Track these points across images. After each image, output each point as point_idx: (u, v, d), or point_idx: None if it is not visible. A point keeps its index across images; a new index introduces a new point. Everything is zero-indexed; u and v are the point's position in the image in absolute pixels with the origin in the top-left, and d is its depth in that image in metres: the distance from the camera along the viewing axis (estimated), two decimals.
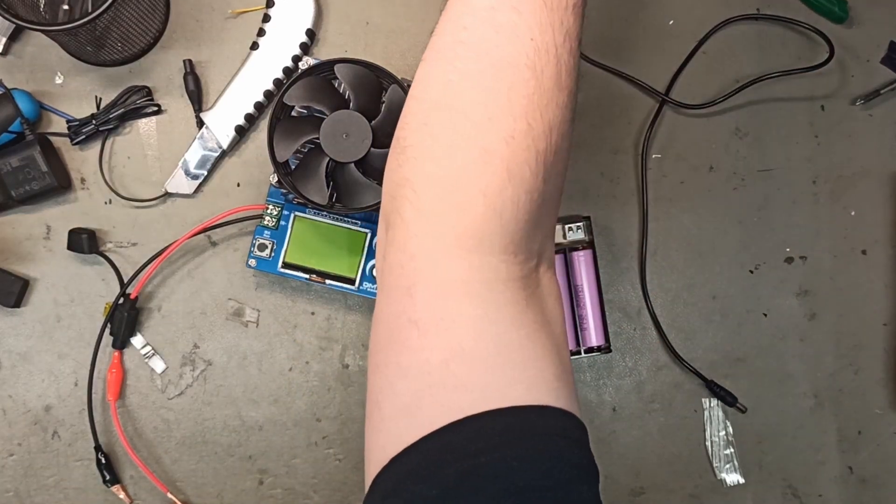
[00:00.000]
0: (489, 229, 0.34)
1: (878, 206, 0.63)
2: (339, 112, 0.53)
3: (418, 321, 0.34)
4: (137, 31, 0.59)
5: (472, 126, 0.35)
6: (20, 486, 0.61)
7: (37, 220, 0.61)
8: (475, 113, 0.35)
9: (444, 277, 0.34)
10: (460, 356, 0.33)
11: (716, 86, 0.63)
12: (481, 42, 0.36)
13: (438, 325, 0.33)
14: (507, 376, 0.33)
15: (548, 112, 0.36)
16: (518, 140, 0.35)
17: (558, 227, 0.61)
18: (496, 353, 0.33)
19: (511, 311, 0.34)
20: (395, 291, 0.35)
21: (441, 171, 0.35)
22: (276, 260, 0.60)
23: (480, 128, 0.35)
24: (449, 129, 0.36)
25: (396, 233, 0.36)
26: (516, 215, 0.35)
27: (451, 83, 0.36)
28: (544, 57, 0.35)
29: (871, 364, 0.63)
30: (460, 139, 0.35)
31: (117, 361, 0.61)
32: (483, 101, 0.35)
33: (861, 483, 0.62)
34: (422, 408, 0.33)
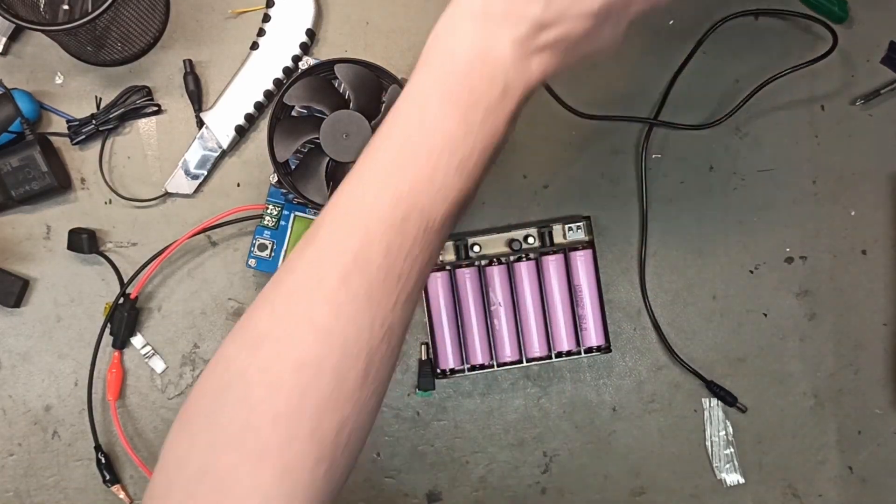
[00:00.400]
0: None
1: (878, 206, 0.63)
2: (339, 112, 0.53)
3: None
4: (137, 31, 0.59)
5: (254, 423, 0.33)
6: (20, 486, 0.61)
7: (37, 220, 0.61)
8: (261, 409, 0.33)
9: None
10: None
11: (716, 90, 0.63)
12: (288, 338, 0.34)
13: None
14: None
15: (343, 410, 0.34)
16: (299, 442, 0.33)
17: (558, 227, 0.61)
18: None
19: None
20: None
21: (210, 467, 0.33)
22: (276, 260, 0.60)
23: (262, 429, 0.33)
24: (224, 426, 0.34)
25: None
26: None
27: (246, 374, 0.34)
28: (352, 361, 0.34)
29: (871, 364, 0.63)
30: (231, 437, 0.33)
31: (117, 361, 0.61)
32: (269, 397, 0.33)
33: (861, 483, 0.62)
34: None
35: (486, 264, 0.60)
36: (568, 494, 0.62)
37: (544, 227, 0.61)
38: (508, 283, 0.60)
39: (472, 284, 0.60)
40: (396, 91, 0.53)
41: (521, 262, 0.60)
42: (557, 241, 0.61)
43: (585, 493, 0.62)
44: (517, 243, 0.61)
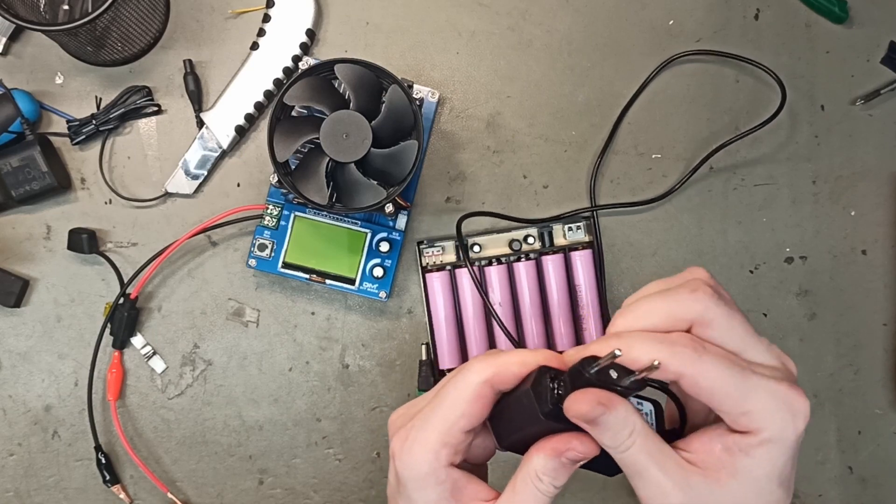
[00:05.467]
0: None
1: (878, 206, 0.63)
2: (339, 112, 0.53)
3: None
4: (137, 31, 0.59)
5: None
6: (20, 486, 0.61)
7: (37, 220, 0.61)
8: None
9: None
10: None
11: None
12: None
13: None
14: None
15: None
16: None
17: (558, 226, 0.61)
18: None
19: None
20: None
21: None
22: (276, 260, 0.60)
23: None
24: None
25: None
26: None
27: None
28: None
29: (871, 364, 0.63)
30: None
31: (117, 361, 0.61)
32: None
33: (861, 483, 0.62)
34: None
35: (486, 264, 0.60)
36: (568, 494, 0.62)
37: (544, 227, 0.61)
38: (508, 283, 0.60)
39: (471, 284, 0.60)
40: (396, 91, 0.53)
41: (520, 261, 0.60)
42: (557, 242, 0.61)
43: (585, 493, 0.62)
44: (517, 243, 0.61)
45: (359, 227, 0.60)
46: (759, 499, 0.33)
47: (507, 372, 0.34)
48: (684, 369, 0.31)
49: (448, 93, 0.62)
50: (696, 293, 0.33)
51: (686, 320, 0.33)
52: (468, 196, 0.62)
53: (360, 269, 0.60)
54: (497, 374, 0.34)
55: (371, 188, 0.54)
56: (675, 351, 0.31)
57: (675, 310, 0.33)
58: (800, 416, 0.32)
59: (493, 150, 0.62)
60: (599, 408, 0.30)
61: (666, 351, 0.31)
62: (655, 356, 0.31)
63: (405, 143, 0.54)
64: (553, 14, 0.63)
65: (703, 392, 0.32)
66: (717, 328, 0.33)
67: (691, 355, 0.31)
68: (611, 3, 0.63)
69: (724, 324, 0.33)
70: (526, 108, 0.63)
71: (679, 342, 0.32)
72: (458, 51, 0.63)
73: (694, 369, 0.31)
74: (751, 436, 0.32)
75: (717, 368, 0.31)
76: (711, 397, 0.32)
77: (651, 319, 0.33)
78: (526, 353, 0.34)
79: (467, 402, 0.34)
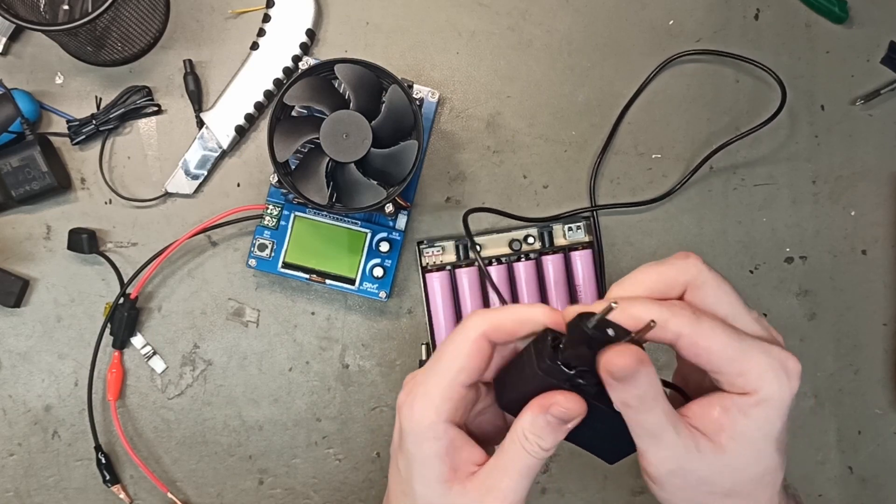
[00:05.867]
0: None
1: (878, 206, 0.63)
2: (339, 112, 0.53)
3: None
4: (137, 31, 0.59)
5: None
6: (20, 486, 0.61)
7: (37, 220, 0.61)
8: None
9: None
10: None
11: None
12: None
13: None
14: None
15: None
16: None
17: (558, 226, 0.61)
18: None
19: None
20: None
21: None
22: (276, 260, 0.60)
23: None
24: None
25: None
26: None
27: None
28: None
29: (871, 364, 0.63)
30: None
31: (117, 361, 0.61)
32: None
33: (861, 483, 0.63)
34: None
35: (486, 264, 0.60)
36: (568, 494, 0.62)
37: (544, 227, 0.61)
38: (508, 283, 0.60)
39: (471, 284, 0.60)
40: (396, 91, 0.53)
41: (520, 261, 0.60)
42: (557, 242, 0.61)
43: (585, 493, 0.62)
44: (517, 243, 0.61)
45: (359, 227, 0.60)
46: (758, 463, 0.34)
47: (503, 325, 0.34)
48: (683, 329, 0.32)
49: (448, 93, 0.62)
50: (688, 259, 0.34)
51: (680, 283, 0.34)
52: (468, 196, 0.62)
53: (360, 269, 0.60)
54: (493, 328, 0.34)
55: (371, 188, 0.54)
56: (674, 311, 0.32)
57: (668, 273, 0.34)
58: (794, 375, 0.33)
59: (493, 150, 0.62)
60: (639, 364, 0.31)
61: (666, 311, 0.32)
62: (656, 315, 0.32)
63: (405, 143, 0.54)
64: (553, 14, 0.63)
65: (702, 352, 0.32)
66: (710, 293, 0.34)
67: (690, 317, 0.32)
68: (611, 3, 0.63)
69: (716, 289, 0.34)
70: (526, 108, 0.63)
71: (678, 304, 0.33)
72: (458, 51, 0.63)
73: (693, 329, 0.32)
74: (748, 396, 0.33)
75: (714, 330, 0.32)
76: (709, 357, 0.32)
77: (647, 284, 0.34)
78: (522, 309, 0.34)
79: (465, 355, 0.34)
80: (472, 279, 0.60)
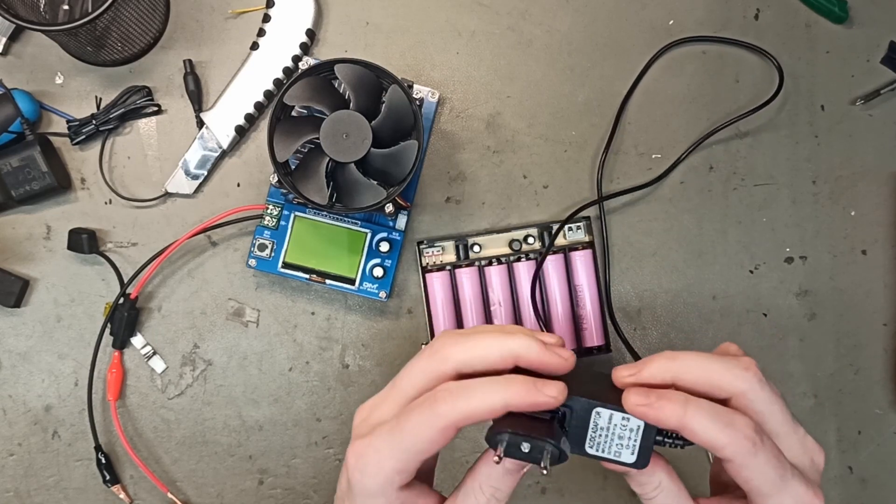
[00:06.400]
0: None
1: (878, 206, 0.63)
2: (339, 112, 0.53)
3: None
4: (137, 31, 0.59)
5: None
6: (20, 486, 0.61)
7: (37, 220, 0.61)
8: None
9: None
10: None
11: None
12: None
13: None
14: None
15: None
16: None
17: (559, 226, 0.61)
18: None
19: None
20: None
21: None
22: (276, 260, 0.60)
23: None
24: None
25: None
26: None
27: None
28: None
29: (871, 364, 0.63)
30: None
31: (117, 361, 0.61)
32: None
33: (861, 483, 0.63)
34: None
35: (486, 264, 0.60)
36: (568, 494, 0.62)
37: (544, 228, 0.61)
38: (508, 283, 0.60)
39: (471, 284, 0.60)
40: (396, 91, 0.53)
41: (520, 261, 0.60)
42: (557, 241, 0.61)
43: (585, 494, 0.62)
44: (517, 243, 0.61)
45: (359, 227, 0.60)
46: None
47: (475, 417, 0.34)
48: (736, 458, 0.33)
49: (448, 93, 0.62)
50: (748, 371, 0.35)
51: (730, 392, 0.34)
52: (468, 196, 0.62)
53: (360, 269, 0.60)
54: (465, 420, 0.34)
55: (371, 188, 0.54)
56: (734, 437, 0.33)
57: (723, 378, 0.34)
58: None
59: (493, 150, 0.62)
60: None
61: (727, 436, 0.33)
62: (718, 436, 0.33)
63: (405, 143, 0.54)
64: (553, 14, 0.63)
65: (742, 479, 0.33)
66: (761, 408, 0.34)
67: (749, 449, 0.33)
68: (611, 3, 0.63)
69: (769, 406, 0.35)
70: (526, 108, 0.63)
71: (740, 427, 0.33)
72: (458, 51, 0.63)
73: (745, 461, 0.33)
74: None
75: (766, 466, 0.33)
76: (747, 484, 0.34)
77: (695, 375, 0.34)
78: (496, 398, 0.34)
79: (430, 441, 0.34)
80: (473, 279, 0.60)
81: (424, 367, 0.35)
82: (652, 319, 0.62)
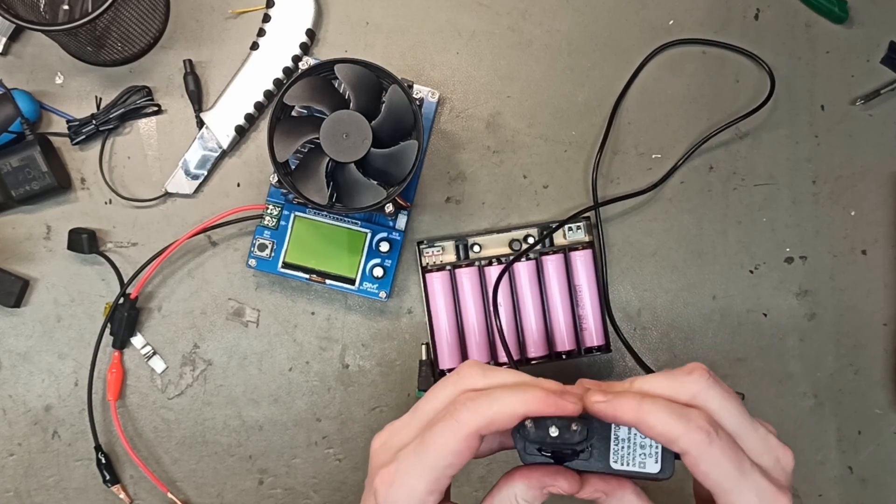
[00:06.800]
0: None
1: (878, 206, 0.63)
2: (339, 112, 0.53)
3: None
4: (137, 31, 0.59)
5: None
6: (20, 486, 0.61)
7: (37, 220, 0.61)
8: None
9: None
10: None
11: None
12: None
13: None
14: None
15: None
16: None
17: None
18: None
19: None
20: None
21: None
22: (276, 260, 0.60)
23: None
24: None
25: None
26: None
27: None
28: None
29: (871, 364, 0.63)
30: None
31: (117, 361, 0.61)
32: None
33: (861, 483, 0.62)
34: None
35: (486, 264, 0.60)
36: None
37: (544, 228, 0.61)
38: (508, 283, 0.60)
39: (471, 284, 0.60)
40: (396, 91, 0.53)
41: (520, 261, 0.60)
42: (557, 241, 0.61)
43: None
44: (517, 243, 0.61)
45: (359, 227, 0.60)
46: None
47: (496, 423, 0.34)
48: (690, 449, 0.33)
49: (448, 93, 0.62)
50: (691, 374, 0.35)
51: (684, 398, 0.34)
52: (468, 196, 0.62)
53: (360, 269, 0.60)
54: (487, 425, 0.34)
55: (371, 188, 0.54)
56: (688, 427, 0.33)
57: (673, 387, 0.35)
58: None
59: (493, 150, 0.62)
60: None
61: (680, 426, 0.33)
62: (672, 428, 0.33)
63: (405, 143, 0.54)
64: (553, 14, 0.63)
65: (700, 474, 0.34)
66: (714, 408, 0.34)
67: (703, 440, 0.33)
68: (611, 3, 0.63)
69: (720, 404, 0.35)
70: (526, 108, 0.63)
71: (694, 416, 0.33)
72: (458, 51, 0.63)
73: (699, 452, 0.33)
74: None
75: (720, 457, 0.33)
76: (706, 480, 0.34)
77: (657, 392, 0.35)
78: (516, 402, 0.34)
79: (456, 453, 0.34)
80: (473, 279, 0.60)
81: (445, 427, 0.35)
82: (652, 319, 0.62)
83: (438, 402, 0.36)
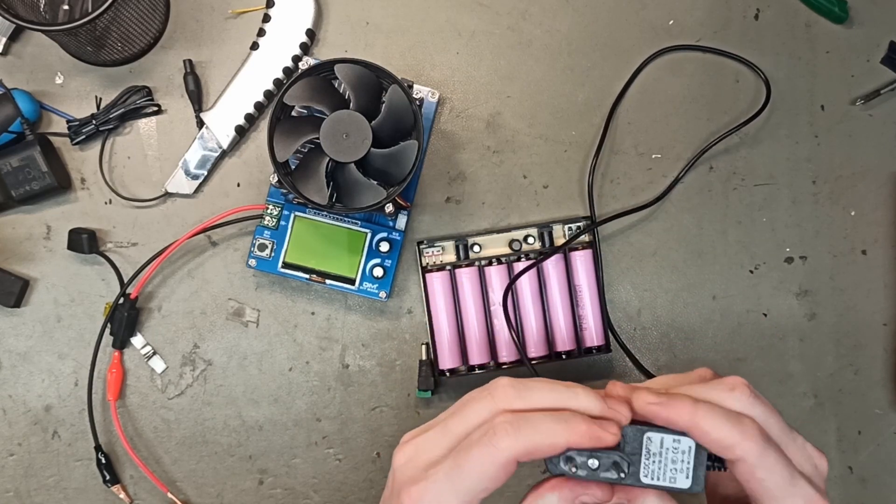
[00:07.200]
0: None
1: (878, 206, 0.63)
2: (339, 112, 0.53)
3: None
4: (137, 31, 0.59)
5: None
6: (20, 486, 0.61)
7: (37, 220, 0.61)
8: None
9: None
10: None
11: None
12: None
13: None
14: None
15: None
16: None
17: (558, 226, 0.61)
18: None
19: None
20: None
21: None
22: (276, 260, 0.60)
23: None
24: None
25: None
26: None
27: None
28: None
29: (871, 364, 0.63)
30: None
31: (117, 361, 0.61)
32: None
33: (861, 483, 0.62)
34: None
35: (486, 264, 0.60)
36: None
37: (544, 228, 0.61)
38: (508, 282, 0.60)
39: (471, 284, 0.60)
40: (396, 91, 0.53)
41: (520, 261, 0.60)
42: (557, 242, 0.61)
43: None
44: (517, 243, 0.61)
45: (359, 227, 0.60)
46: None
47: (538, 453, 0.34)
48: (748, 457, 0.33)
49: (448, 93, 0.62)
50: (734, 391, 0.35)
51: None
52: (468, 196, 0.62)
53: (360, 269, 0.60)
54: (525, 453, 0.34)
55: (371, 188, 0.54)
56: (745, 434, 0.33)
57: (719, 399, 0.34)
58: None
59: (493, 150, 0.62)
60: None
61: (737, 434, 0.33)
62: (726, 435, 0.33)
63: (405, 143, 0.54)
64: (553, 14, 0.63)
65: (754, 482, 0.33)
66: (762, 423, 0.34)
67: (760, 446, 0.33)
68: (611, 3, 0.63)
69: (764, 420, 0.34)
70: (526, 108, 0.63)
71: (748, 425, 0.33)
72: (458, 51, 0.63)
73: (757, 460, 0.33)
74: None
75: (775, 465, 0.33)
76: (758, 487, 0.33)
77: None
78: (559, 434, 0.33)
79: (492, 478, 0.34)
80: (473, 279, 0.60)
81: (482, 450, 0.34)
82: (652, 319, 0.62)
83: (471, 422, 0.35)
